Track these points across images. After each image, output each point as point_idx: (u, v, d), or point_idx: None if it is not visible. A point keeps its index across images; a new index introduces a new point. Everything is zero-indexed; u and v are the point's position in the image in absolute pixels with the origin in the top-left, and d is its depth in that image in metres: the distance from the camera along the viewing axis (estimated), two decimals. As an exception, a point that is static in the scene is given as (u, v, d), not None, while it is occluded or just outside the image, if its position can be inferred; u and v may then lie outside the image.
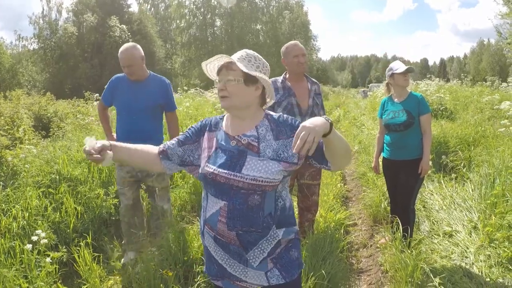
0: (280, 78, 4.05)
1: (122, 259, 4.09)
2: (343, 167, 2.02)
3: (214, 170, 1.87)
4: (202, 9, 48.44)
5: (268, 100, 2.03)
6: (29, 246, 3.46)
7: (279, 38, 45.47)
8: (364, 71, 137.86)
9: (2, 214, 4.16)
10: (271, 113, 2.00)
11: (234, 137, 1.92)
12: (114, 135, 4.18)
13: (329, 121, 1.69)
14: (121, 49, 3.89)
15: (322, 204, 4.92)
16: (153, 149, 2.08)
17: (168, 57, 49.81)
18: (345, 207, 5.82)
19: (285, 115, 1.98)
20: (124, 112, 4.03)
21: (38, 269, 3.57)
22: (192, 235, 3.99)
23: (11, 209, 4.27)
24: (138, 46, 3.97)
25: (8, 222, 4.07)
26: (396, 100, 4.17)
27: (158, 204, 4.22)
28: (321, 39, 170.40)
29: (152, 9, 57.33)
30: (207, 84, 33.26)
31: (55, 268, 3.63)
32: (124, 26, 40.29)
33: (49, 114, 10.84)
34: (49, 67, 39.30)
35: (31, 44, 41.12)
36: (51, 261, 3.65)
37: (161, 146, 2.07)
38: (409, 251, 3.65)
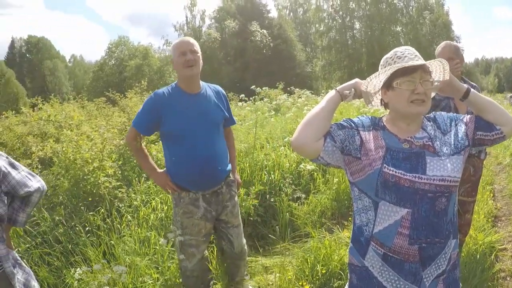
0: None
1: None
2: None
3: (396, 172, 1.65)
4: (340, 12, 47.91)
5: None
6: (164, 241, 3.41)
7: (420, 40, 42.98)
8: (510, 75, 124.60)
9: (142, 205, 4.29)
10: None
11: (405, 139, 1.72)
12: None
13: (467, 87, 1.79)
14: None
15: (472, 223, 4.28)
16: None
17: (309, 60, 49.98)
18: (495, 228, 5.07)
19: (437, 112, 1.88)
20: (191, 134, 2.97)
21: (171, 261, 3.56)
22: (333, 246, 3.68)
23: (151, 201, 4.39)
24: None
25: (147, 212, 4.17)
26: None
27: (237, 244, 3.27)
28: (463, 39, 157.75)
29: (291, 14, 58.28)
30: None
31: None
32: (265, 31, 41.56)
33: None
34: (194, 70, 42.17)
35: (178, 48, 44.59)
36: (184, 256, 3.63)
37: None
38: None
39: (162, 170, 3.15)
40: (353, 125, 1.76)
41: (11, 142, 7.25)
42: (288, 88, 14.73)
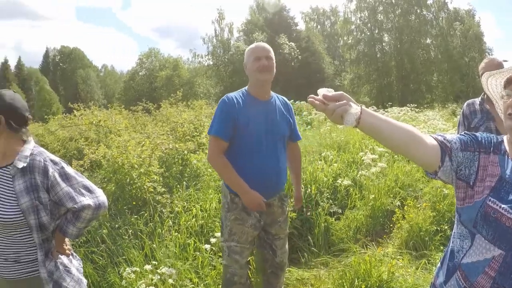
0: (477, 100, 3.50)
1: None
2: None
3: (501, 208, 1.42)
4: (369, 25, 47.58)
5: None
6: (207, 247, 3.51)
7: (451, 52, 42.02)
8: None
9: (183, 211, 4.39)
10: None
11: None
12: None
13: None
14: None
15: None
16: (417, 131, 1.50)
17: (337, 73, 49.79)
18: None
19: None
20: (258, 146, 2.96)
21: (209, 267, 3.67)
22: (373, 262, 3.69)
23: (191, 208, 4.49)
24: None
25: (187, 219, 4.27)
26: None
27: (280, 253, 3.25)
28: (495, 52, 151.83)
29: (319, 26, 58.31)
30: (376, 102, 32.27)
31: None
32: (293, 44, 41.72)
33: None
34: (223, 81, 42.51)
35: (206, 60, 45.29)
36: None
37: (437, 136, 1.54)
38: None
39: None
40: (475, 146, 1.55)
41: (52, 145, 7.57)
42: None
